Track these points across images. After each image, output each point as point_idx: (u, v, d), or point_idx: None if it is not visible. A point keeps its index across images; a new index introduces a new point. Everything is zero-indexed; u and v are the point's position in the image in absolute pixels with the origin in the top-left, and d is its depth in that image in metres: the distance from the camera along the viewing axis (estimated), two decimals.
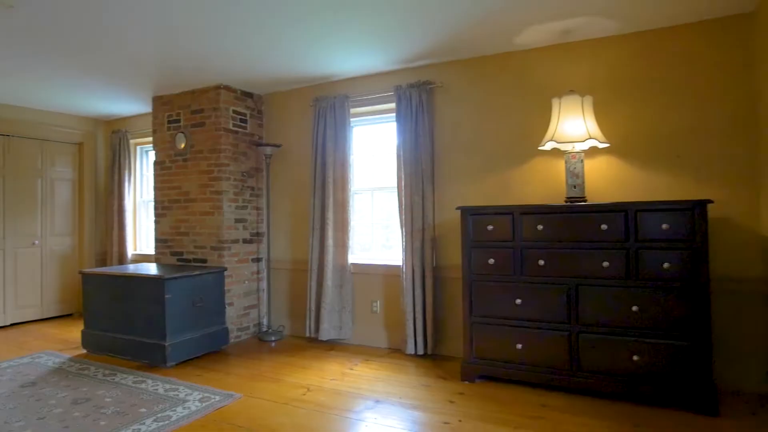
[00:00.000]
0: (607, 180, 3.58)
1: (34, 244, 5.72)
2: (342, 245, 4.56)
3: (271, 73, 4.38)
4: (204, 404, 3.22)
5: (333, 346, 4.53)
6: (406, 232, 4.16)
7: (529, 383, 3.43)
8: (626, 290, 3.05)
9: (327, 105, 4.55)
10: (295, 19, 3.24)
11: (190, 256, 4.88)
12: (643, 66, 3.49)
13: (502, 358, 3.40)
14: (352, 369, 3.89)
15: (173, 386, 3.56)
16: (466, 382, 3.51)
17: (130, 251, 6.04)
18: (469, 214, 3.53)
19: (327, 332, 4.52)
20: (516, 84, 3.89)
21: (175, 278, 4.10)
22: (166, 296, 4.02)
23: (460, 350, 4.06)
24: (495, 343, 3.42)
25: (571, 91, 3.37)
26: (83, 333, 4.52)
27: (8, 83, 4.61)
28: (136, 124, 6.00)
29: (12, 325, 5.54)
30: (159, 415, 3.06)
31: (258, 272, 5.05)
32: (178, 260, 4.96)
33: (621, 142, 3.54)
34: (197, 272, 4.31)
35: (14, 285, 5.55)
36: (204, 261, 4.79)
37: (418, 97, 4.11)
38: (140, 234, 6.18)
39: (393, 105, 4.39)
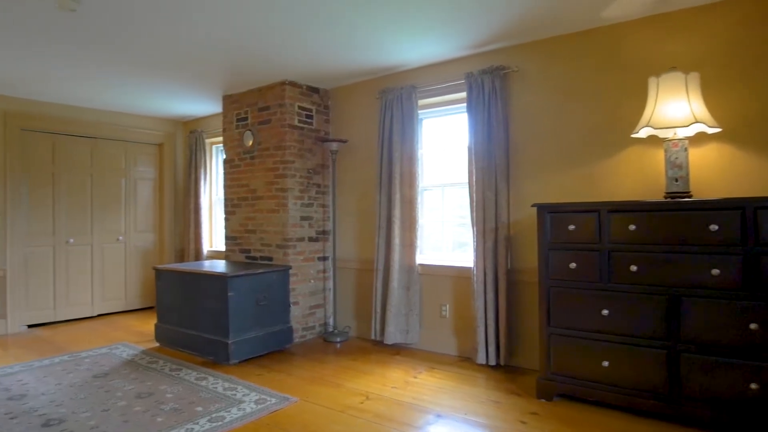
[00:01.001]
0: (717, 172, 3.04)
1: (118, 240, 6.02)
2: (409, 245, 4.31)
3: (336, 65, 4.23)
4: (259, 406, 3.10)
5: (398, 351, 4.29)
6: (477, 231, 3.83)
7: (615, 406, 2.98)
8: (742, 303, 2.52)
9: (393, 97, 4.32)
10: (359, 5, 3.04)
11: (257, 254, 4.86)
12: (762, 34, 2.91)
13: (585, 376, 2.98)
14: (415, 377, 3.62)
15: (232, 385, 3.49)
16: (542, 401, 3.12)
17: (206, 248, 6.18)
18: (547, 211, 3.14)
19: (392, 336, 4.29)
20: (604, 64, 3.43)
21: (238, 276, 4.06)
22: (229, 294, 3.98)
23: (536, 363, 3.66)
24: (576, 358, 3.01)
25: (673, 69, 2.87)
26: (156, 327, 4.63)
27: (93, 88, 4.83)
28: (210, 124, 6.13)
29: (99, 315, 5.85)
30: (214, 415, 2.98)
31: (324, 271, 4.93)
32: (247, 258, 4.96)
33: (735, 126, 2.98)
34: (261, 270, 4.25)
35: (101, 278, 5.86)
36: (270, 259, 4.74)
37: (490, 84, 3.77)
38: (215, 231, 6.31)
39: (463, 94, 4.07)
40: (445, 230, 4.43)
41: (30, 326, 5.30)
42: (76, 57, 3.93)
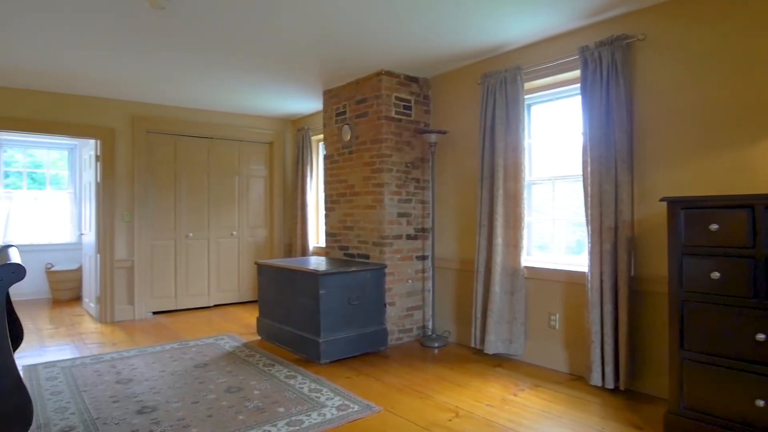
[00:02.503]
0: None
1: (232, 235, 6.31)
2: (513, 244, 3.87)
3: (434, 50, 3.93)
4: (340, 413, 2.92)
5: (500, 362, 3.87)
6: (593, 230, 3.29)
7: None
8: None
9: (496, 81, 3.90)
10: None
11: (355, 252, 4.73)
12: None
13: (729, 416, 2.34)
14: (516, 395, 3.19)
15: (318, 387, 3.37)
16: None
17: (312, 244, 6.24)
18: (681, 207, 2.53)
19: (493, 345, 3.88)
20: (762, 24, 2.70)
21: (330, 274, 3.95)
22: (321, 292, 3.88)
23: (664, 391, 3.03)
24: (718, 392, 2.38)
25: None
26: (258, 320, 4.71)
27: (207, 91, 5.07)
28: (316, 121, 6.17)
29: (215, 306, 6.19)
30: (293, 418, 2.86)
31: (423, 271, 4.65)
32: (345, 255, 4.86)
33: None
34: (354, 268, 4.10)
35: (217, 271, 6.19)
36: (367, 257, 4.58)
37: (610, 58, 3.19)
38: (321, 227, 6.35)
39: (576, 73, 3.53)
40: (555, 229, 3.90)
41: (154, 313, 5.75)
42: (185, 61, 4.10)
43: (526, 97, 3.90)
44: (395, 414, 2.92)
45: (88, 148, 5.78)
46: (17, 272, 2.03)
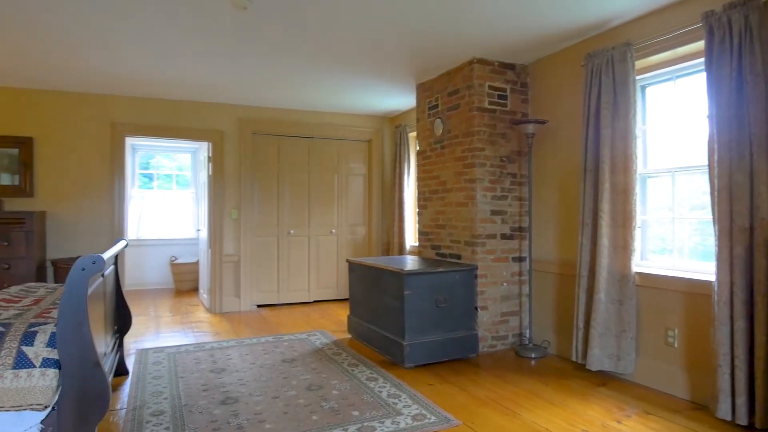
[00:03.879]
0: None
1: (331, 232, 6.42)
2: (622, 246, 3.38)
3: (533, 32, 3.58)
4: (414, 423, 2.75)
5: (605, 381, 3.41)
6: (720, 231, 2.74)
7: None
8: None
9: (602, 61, 3.44)
10: None
11: (447, 251, 4.51)
12: None
13: None
14: (620, 421, 2.76)
15: (398, 392, 3.22)
16: None
17: (409, 243, 6.12)
18: None
19: (597, 360, 3.43)
20: None
21: (416, 274, 3.78)
22: (405, 292, 3.73)
23: None
24: None
25: None
26: (348, 318, 4.70)
27: (306, 92, 5.19)
28: (412, 117, 6.03)
29: (314, 302, 6.33)
30: (365, 423, 2.75)
31: (520, 273, 4.29)
32: (437, 254, 4.66)
33: None
34: (441, 269, 3.89)
35: (317, 268, 6.33)
36: (458, 257, 4.34)
37: (742, 22, 2.62)
38: (418, 225, 6.21)
39: (700, 44, 2.97)
40: (675, 230, 3.34)
41: (259, 306, 6.03)
42: (278, 63, 4.19)
43: (638, 77, 3.39)
44: (474, 430, 2.67)
45: (203, 150, 6.23)
46: (97, 263, 2.15)
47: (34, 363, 2.04)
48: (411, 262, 4.25)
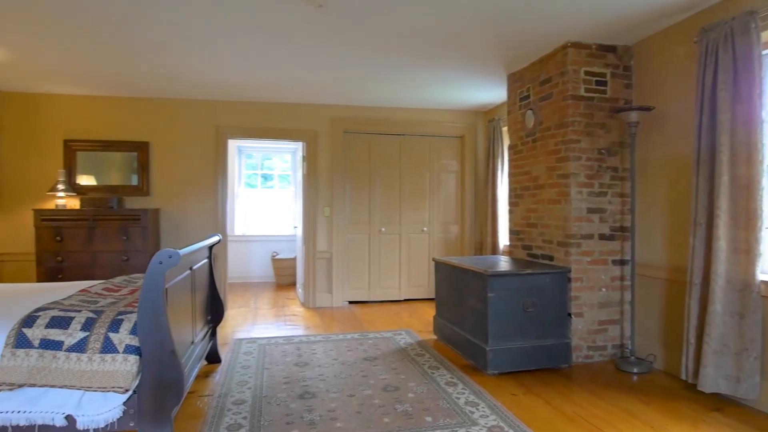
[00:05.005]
0: None
1: (423, 230, 6.32)
2: (744, 250, 2.89)
3: (637, 6, 3.18)
4: None
5: (720, 405, 2.94)
6: None
7: None
8: None
9: (719, 35, 2.96)
10: None
11: (538, 252, 4.21)
12: None
13: None
14: None
15: (477, 400, 3.05)
16: None
17: (503, 242, 5.84)
18: None
19: (711, 381, 2.97)
20: None
21: (501, 275, 3.56)
22: (489, 294, 3.53)
23: None
24: None
25: None
26: (434, 319, 4.58)
27: (395, 89, 5.15)
28: (505, 110, 5.73)
29: (404, 300, 6.29)
30: (437, 431, 2.63)
31: (621, 278, 3.88)
32: (528, 255, 4.37)
33: None
34: (529, 271, 3.63)
35: (408, 266, 6.28)
36: (551, 258, 4.03)
37: None
38: (509, 224, 5.89)
39: None
40: None
41: (350, 302, 6.12)
42: (365, 60, 4.19)
43: (764, 52, 2.87)
44: None
45: (300, 150, 6.46)
46: (173, 257, 2.27)
47: (117, 348, 2.20)
48: (498, 263, 4.03)
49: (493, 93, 5.42)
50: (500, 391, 3.22)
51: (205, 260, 3.65)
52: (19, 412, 2.15)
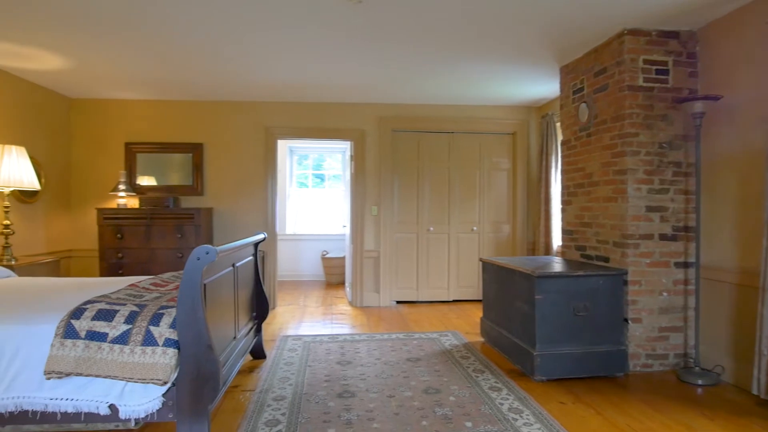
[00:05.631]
0: None
1: (473, 230, 6.17)
2: None
3: None
4: None
5: None
6: None
7: None
8: None
9: None
10: None
11: (593, 253, 3.98)
12: None
13: None
14: None
15: (521, 407, 2.91)
16: None
17: (557, 242, 5.59)
18: None
19: None
20: None
21: (549, 276, 3.38)
22: (536, 297, 3.36)
23: None
24: None
25: None
26: (481, 321, 4.45)
27: (444, 86, 5.05)
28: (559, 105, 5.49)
29: (453, 301, 6.16)
30: None
31: (685, 282, 3.59)
32: (582, 256, 4.14)
33: None
34: (580, 272, 3.43)
35: (457, 266, 6.15)
36: (606, 260, 3.80)
37: None
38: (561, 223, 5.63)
39: None
40: None
41: (398, 302, 6.07)
42: (409, 57, 4.13)
43: None
44: None
45: (349, 149, 6.48)
46: (210, 254, 2.30)
47: (158, 341, 2.25)
48: (547, 264, 3.84)
49: (546, 87, 5.20)
50: (547, 399, 3.05)
51: (250, 258, 3.71)
52: (67, 399, 2.24)
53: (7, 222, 4.03)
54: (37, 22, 3.42)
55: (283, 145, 7.98)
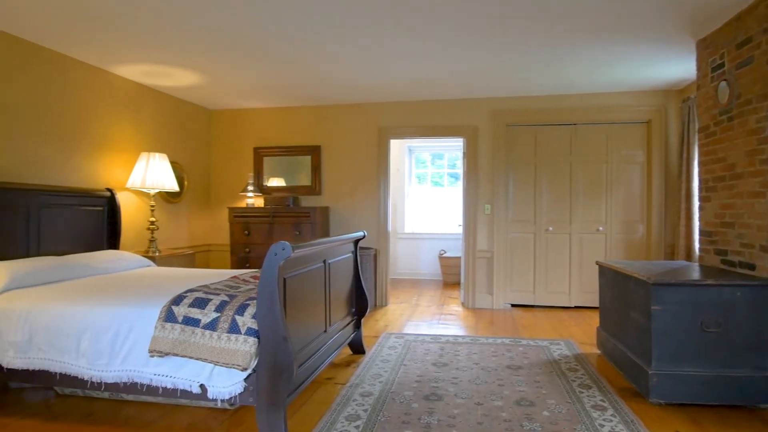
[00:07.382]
0: None
1: (598, 230, 5.61)
2: None
3: None
4: None
5: None
6: None
7: None
8: None
9: None
10: None
11: (735, 258, 3.36)
12: None
13: None
14: None
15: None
16: None
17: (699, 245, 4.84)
18: None
19: None
20: None
21: (669, 285, 2.93)
22: (653, 308, 2.93)
23: None
24: None
25: None
26: (597, 331, 4.03)
27: (562, 74, 4.67)
28: None
29: (575, 307, 5.66)
30: None
31: None
32: (722, 261, 3.52)
33: None
34: (711, 281, 2.91)
35: (579, 269, 5.65)
36: (752, 267, 3.17)
37: None
38: (699, 223, 4.84)
39: None
40: None
41: (513, 305, 5.76)
42: (519, 44, 3.90)
43: None
44: None
45: (462, 146, 6.33)
46: (286, 250, 2.40)
47: (241, 330, 2.42)
48: (673, 270, 3.33)
49: (684, 67, 4.51)
50: (661, 426, 2.65)
51: (348, 255, 3.81)
52: (167, 376, 2.51)
53: (153, 219, 4.66)
54: (169, 44, 3.90)
55: (401, 144, 8.08)
